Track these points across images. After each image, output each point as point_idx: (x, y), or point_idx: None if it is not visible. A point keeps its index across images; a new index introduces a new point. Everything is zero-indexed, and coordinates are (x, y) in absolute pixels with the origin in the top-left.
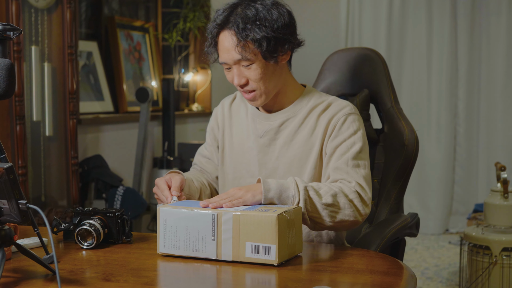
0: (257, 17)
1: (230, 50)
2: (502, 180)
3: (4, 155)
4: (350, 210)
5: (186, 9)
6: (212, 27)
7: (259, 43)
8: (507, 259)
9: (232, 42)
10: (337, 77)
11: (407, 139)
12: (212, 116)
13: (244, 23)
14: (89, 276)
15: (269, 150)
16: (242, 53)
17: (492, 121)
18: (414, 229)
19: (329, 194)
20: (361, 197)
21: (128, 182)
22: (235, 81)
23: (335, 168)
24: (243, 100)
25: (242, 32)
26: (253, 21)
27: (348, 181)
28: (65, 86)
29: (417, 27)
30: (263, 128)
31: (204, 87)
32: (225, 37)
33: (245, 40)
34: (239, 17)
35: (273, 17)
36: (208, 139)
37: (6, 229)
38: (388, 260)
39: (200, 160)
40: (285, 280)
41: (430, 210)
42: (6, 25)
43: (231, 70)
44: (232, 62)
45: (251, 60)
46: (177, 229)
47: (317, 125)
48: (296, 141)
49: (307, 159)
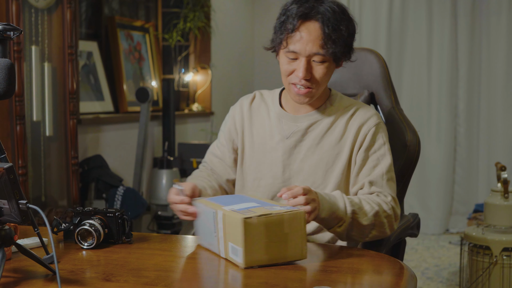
0: (343, 17)
1: (313, 42)
2: (503, 180)
3: (4, 155)
4: (385, 227)
5: (186, 9)
6: (295, 11)
7: (341, 43)
8: (507, 259)
9: (318, 35)
10: (337, 78)
11: (409, 140)
12: (229, 116)
13: (335, 21)
14: (89, 276)
15: (294, 151)
16: (324, 49)
17: (492, 121)
18: (415, 229)
19: (372, 214)
20: (395, 213)
21: (128, 182)
22: (300, 74)
23: (370, 182)
24: (264, 100)
25: (330, 29)
26: (340, 20)
27: (385, 195)
28: (65, 86)
29: (417, 27)
30: (290, 129)
31: (204, 87)
32: (311, 28)
33: (330, 37)
34: (329, 12)
35: (351, 22)
36: (223, 140)
37: (6, 229)
38: (389, 260)
39: (212, 160)
40: (285, 280)
41: (430, 210)
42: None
43: (296, 61)
44: (306, 54)
45: (326, 58)
46: (200, 223)
47: (347, 130)
48: (323, 144)
49: (333, 163)
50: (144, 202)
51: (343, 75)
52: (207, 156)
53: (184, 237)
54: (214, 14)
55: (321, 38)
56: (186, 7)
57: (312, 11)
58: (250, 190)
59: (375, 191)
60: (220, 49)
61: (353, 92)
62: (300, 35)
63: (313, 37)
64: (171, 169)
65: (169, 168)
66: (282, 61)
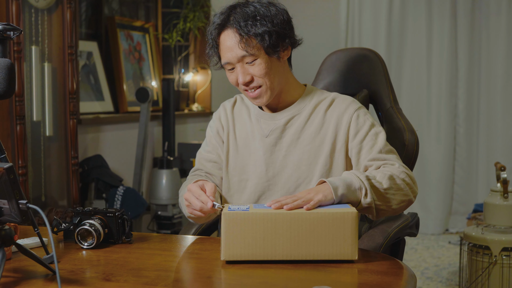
0: (256, 13)
1: (233, 47)
2: (502, 180)
3: (4, 155)
4: (406, 189)
5: (186, 9)
6: (213, 28)
7: (262, 37)
8: (506, 259)
9: (235, 39)
10: (335, 77)
11: (407, 139)
12: (214, 120)
13: (245, 20)
14: (89, 276)
15: (275, 149)
16: (246, 49)
17: (492, 121)
18: (414, 228)
19: (386, 178)
20: (410, 175)
21: (128, 182)
22: (240, 79)
23: (371, 159)
24: (244, 103)
25: (244, 28)
26: (253, 17)
27: (391, 164)
28: (65, 86)
29: (417, 27)
30: (269, 127)
31: (204, 87)
32: (227, 36)
33: (247, 35)
34: (239, 15)
35: (271, 13)
36: (214, 142)
37: (6, 229)
38: (388, 260)
39: (205, 165)
40: (285, 280)
41: (430, 210)
42: (6, 25)
43: (234, 71)
44: (235, 60)
45: (255, 56)
46: None
47: (325, 121)
48: (303, 138)
49: (316, 156)
50: (144, 202)
51: (342, 74)
52: (199, 163)
53: (184, 237)
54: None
55: (239, 40)
56: (186, 7)
57: (224, 21)
58: (236, 192)
59: (380, 165)
60: None
61: (352, 91)
62: (223, 45)
63: (233, 42)
64: (171, 169)
65: (169, 168)
66: (227, 76)
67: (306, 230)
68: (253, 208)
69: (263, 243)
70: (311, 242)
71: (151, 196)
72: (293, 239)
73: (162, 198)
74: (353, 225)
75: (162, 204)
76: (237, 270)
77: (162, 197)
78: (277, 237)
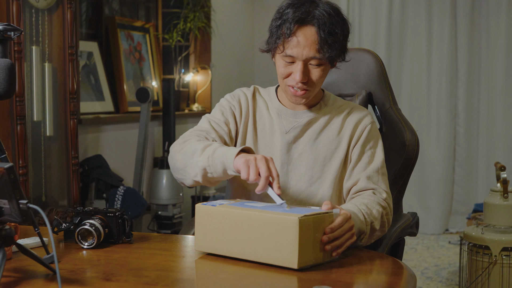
0: (337, 20)
1: (310, 46)
2: (502, 180)
3: (5, 155)
4: (385, 226)
5: (187, 9)
6: (293, 17)
7: (334, 47)
8: (506, 259)
9: (314, 40)
10: (334, 78)
11: (408, 140)
12: (233, 97)
13: (331, 24)
14: (89, 276)
15: (292, 146)
16: (321, 53)
17: (492, 121)
18: (414, 228)
19: (379, 217)
20: (390, 209)
21: (129, 182)
22: (297, 77)
23: (367, 177)
24: (261, 95)
25: (327, 33)
26: (336, 24)
27: (380, 192)
28: (66, 86)
29: (417, 27)
30: (290, 124)
31: (205, 87)
32: (308, 32)
33: (327, 42)
34: (325, 16)
35: (346, 23)
36: (227, 115)
37: (6, 229)
38: (388, 260)
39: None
40: (285, 280)
41: (430, 210)
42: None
43: (293, 65)
44: (303, 58)
45: (322, 62)
46: None
47: (344, 126)
48: (321, 139)
49: (331, 158)
50: (144, 202)
51: (341, 75)
52: (204, 124)
53: (184, 237)
54: (214, 15)
55: (317, 43)
56: (186, 7)
57: (308, 16)
58: (249, 184)
59: (371, 187)
60: (220, 49)
61: (351, 92)
62: (297, 40)
63: (309, 42)
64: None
65: (169, 168)
66: (278, 64)
67: (255, 231)
68: (231, 205)
69: (227, 239)
70: (259, 244)
71: (151, 196)
72: (246, 239)
73: (162, 198)
74: (293, 232)
75: (162, 204)
76: (237, 270)
77: (162, 197)
78: (236, 235)
